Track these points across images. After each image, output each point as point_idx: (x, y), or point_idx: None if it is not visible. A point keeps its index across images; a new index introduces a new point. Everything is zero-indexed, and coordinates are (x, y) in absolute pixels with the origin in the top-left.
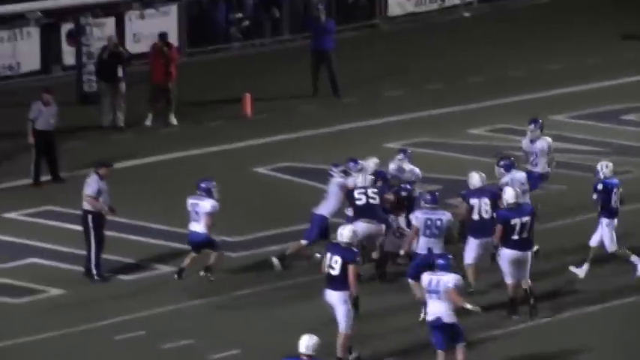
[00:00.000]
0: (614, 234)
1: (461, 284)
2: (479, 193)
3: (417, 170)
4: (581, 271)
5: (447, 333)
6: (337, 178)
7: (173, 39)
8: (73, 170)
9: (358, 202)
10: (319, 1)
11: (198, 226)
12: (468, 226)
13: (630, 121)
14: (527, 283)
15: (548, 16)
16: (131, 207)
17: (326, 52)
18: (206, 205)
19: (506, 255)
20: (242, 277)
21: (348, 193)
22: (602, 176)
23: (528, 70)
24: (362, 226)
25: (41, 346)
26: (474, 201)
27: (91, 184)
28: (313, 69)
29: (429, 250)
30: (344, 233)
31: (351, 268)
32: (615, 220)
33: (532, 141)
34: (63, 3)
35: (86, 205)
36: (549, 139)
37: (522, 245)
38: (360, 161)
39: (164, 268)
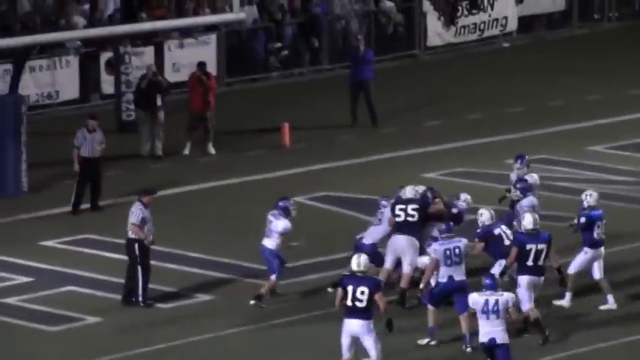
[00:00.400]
0: (601, 263)
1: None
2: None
3: (534, 176)
4: (565, 302)
5: (503, 352)
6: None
7: (212, 68)
8: (111, 199)
9: (397, 219)
10: (358, 32)
11: (268, 242)
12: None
13: None
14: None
15: (586, 47)
16: (169, 235)
17: (365, 82)
18: (279, 224)
19: (524, 280)
20: (280, 306)
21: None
22: (585, 205)
23: (567, 101)
24: (398, 239)
25: None
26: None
27: (135, 212)
28: (352, 99)
29: (450, 277)
30: (360, 262)
31: (378, 295)
32: (601, 250)
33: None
34: (103, 32)
35: (131, 234)
36: (536, 176)
37: (537, 271)
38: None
39: (202, 297)
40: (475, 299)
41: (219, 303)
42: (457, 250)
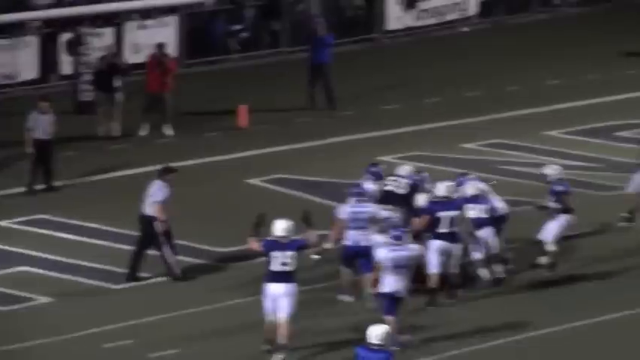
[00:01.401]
0: (561, 231)
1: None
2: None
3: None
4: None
5: (399, 304)
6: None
7: (172, 50)
8: (67, 179)
9: (386, 188)
10: (318, 15)
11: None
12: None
13: (624, 137)
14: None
15: (546, 32)
16: (125, 216)
17: (323, 65)
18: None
19: (435, 245)
20: (232, 288)
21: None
22: (554, 179)
23: (525, 85)
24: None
25: (28, 354)
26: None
27: (158, 191)
28: (310, 82)
29: (356, 241)
30: (285, 227)
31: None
32: (568, 217)
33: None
34: (63, 13)
35: (151, 211)
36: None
37: (449, 238)
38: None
39: (156, 278)
40: (386, 255)
41: (176, 284)
42: (364, 215)
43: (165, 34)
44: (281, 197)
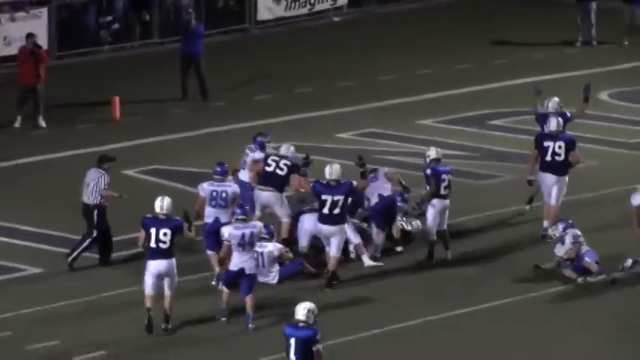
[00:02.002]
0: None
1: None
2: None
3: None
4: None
5: (248, 281)
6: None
7: (43, 42)
8: None
9: (267, 169)
10: (189, 5)
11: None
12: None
13: (497, 126)
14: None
15: (418, 22)
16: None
17: (195, 56)
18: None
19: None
20: (108, 279)
21: (264, 158)
22: (427, 160)
23: (398, 75)
24: (262, 195)
25: None
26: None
27: (101, 178)
28: (182, 72)
29: (216, 219)
30: (164, 205)
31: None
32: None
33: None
34: None
35: (93, 200)
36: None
37: (331, 220)
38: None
39: (32, 270)
40: (232, 232)
41: (49, 276)
42: (224, 195)
43: (36, 25)
44: (157, 188)
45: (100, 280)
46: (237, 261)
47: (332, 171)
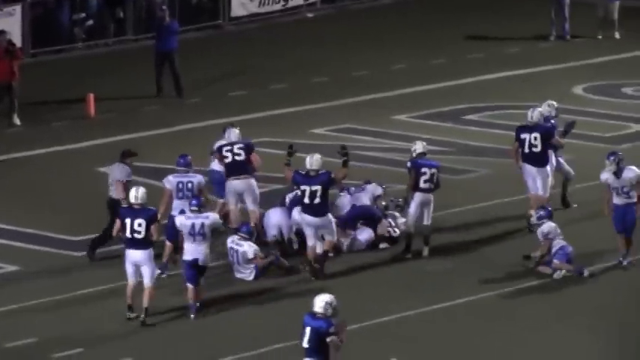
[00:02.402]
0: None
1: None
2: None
3: None
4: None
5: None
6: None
7: (17, 39)
8: None
9: (226, 160)
10: (163, 2)
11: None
12: None
13: (471, 120)
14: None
15: (391, 17)
16: None
17: (169, 53)
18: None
19: (301, 217)
20: (84, 276)
21: (217, 150)
22: (414, 155)
23: (371, 71)
24: (235, 184)
25: None
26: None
27: (122, 171)
28: (157, 69)
29: (182, 210)
30: (138, 195)
31: (154, 227)
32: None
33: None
34: None
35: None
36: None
37: (311, 210)
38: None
39: (9, 268)
40: (182, 222)
41: (26, 274)
42: (189, 185)
43: (10, 23)
44: (131, 184)
45: (78, 277)
46: (190, 250)
47: (312, 161)
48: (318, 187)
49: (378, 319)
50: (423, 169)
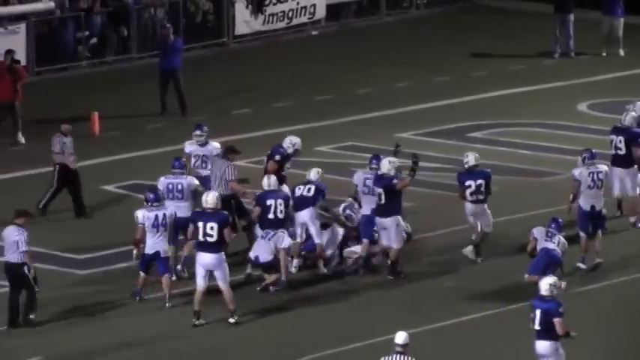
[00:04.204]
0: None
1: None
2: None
3: None
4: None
5: (163, 263)
6: None
7: (22, 57)
8: None
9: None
10: (167, 20)
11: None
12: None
13: (475, 138)
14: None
15: (395, 35)
16: None
17: (174, 71)
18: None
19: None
20: (88, 294)
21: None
22: (466, 167)
23: (376, 88)
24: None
25: None
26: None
27: (228, 168)
28: (161, 87)
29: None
30: (208, 200)
31: (227, 231)
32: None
33: (201, 145)
34: None
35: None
36: (217, 144)
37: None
38: None
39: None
40: (145, 214)
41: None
42: (179, 186)
43: (15, 41)
44: (136, 203)
45: (83, 294)
46: (151, 243)
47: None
48: (381, 190)
49: (382, 338)
50: (468, 182)
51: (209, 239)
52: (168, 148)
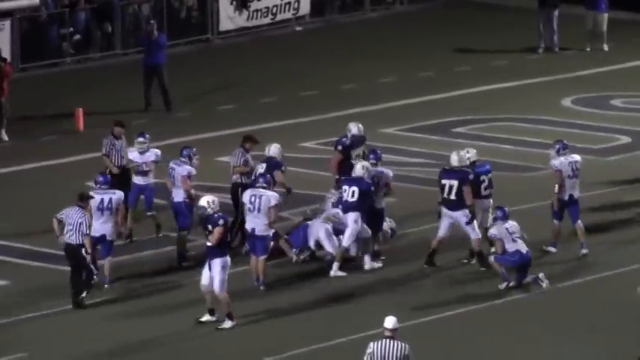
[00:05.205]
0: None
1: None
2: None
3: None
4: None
5: (106, 247)
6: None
7: (6, 54)
8: None
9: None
10: (151, 16)
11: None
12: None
13: (460, 133)
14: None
15: (379, 30)
16: None
17: (158, 67)
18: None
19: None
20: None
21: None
22: (468, 163)
23: (360, 84)
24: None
25: None
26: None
27: (242, 156)
28: (145, 83)
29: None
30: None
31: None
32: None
33: (141, 152)
34: None
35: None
36: (158, 151)
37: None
38: None
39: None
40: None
41: (14, 288)
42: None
43: (0, 39)
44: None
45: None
46: (97, 226)
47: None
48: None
49: (366, 333)
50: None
51: (209, 243)
52: (153, 143)
